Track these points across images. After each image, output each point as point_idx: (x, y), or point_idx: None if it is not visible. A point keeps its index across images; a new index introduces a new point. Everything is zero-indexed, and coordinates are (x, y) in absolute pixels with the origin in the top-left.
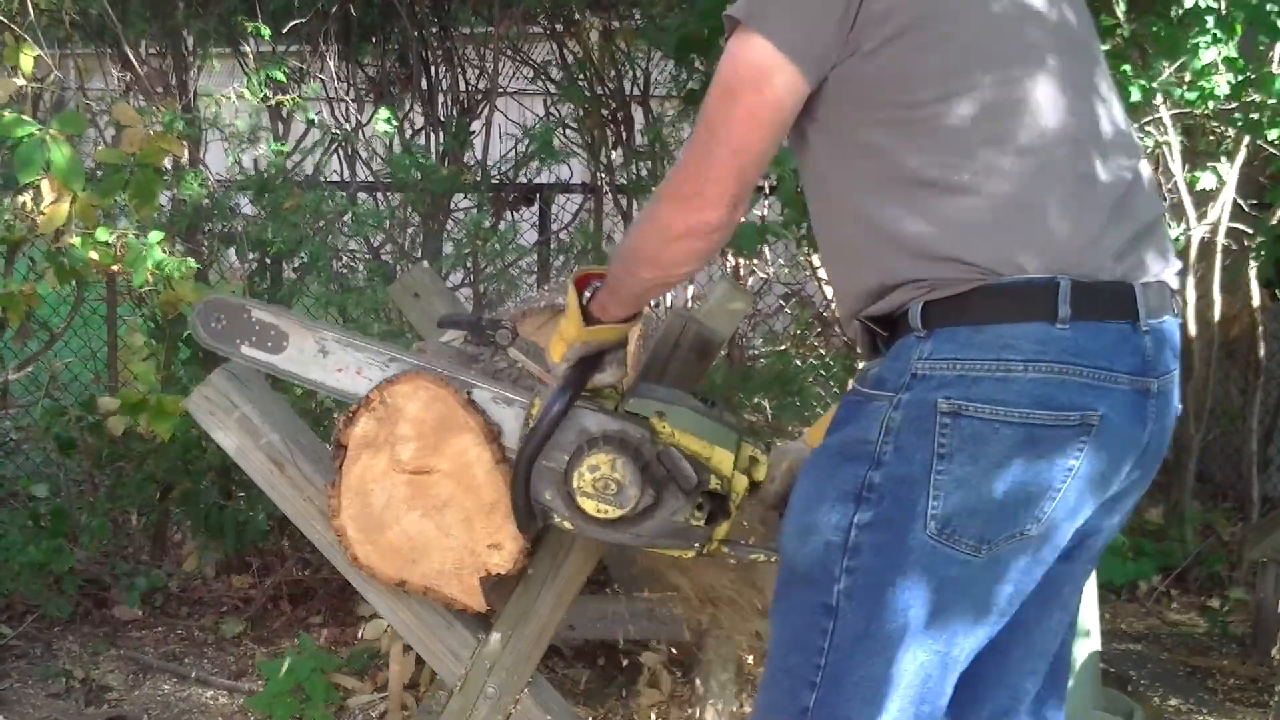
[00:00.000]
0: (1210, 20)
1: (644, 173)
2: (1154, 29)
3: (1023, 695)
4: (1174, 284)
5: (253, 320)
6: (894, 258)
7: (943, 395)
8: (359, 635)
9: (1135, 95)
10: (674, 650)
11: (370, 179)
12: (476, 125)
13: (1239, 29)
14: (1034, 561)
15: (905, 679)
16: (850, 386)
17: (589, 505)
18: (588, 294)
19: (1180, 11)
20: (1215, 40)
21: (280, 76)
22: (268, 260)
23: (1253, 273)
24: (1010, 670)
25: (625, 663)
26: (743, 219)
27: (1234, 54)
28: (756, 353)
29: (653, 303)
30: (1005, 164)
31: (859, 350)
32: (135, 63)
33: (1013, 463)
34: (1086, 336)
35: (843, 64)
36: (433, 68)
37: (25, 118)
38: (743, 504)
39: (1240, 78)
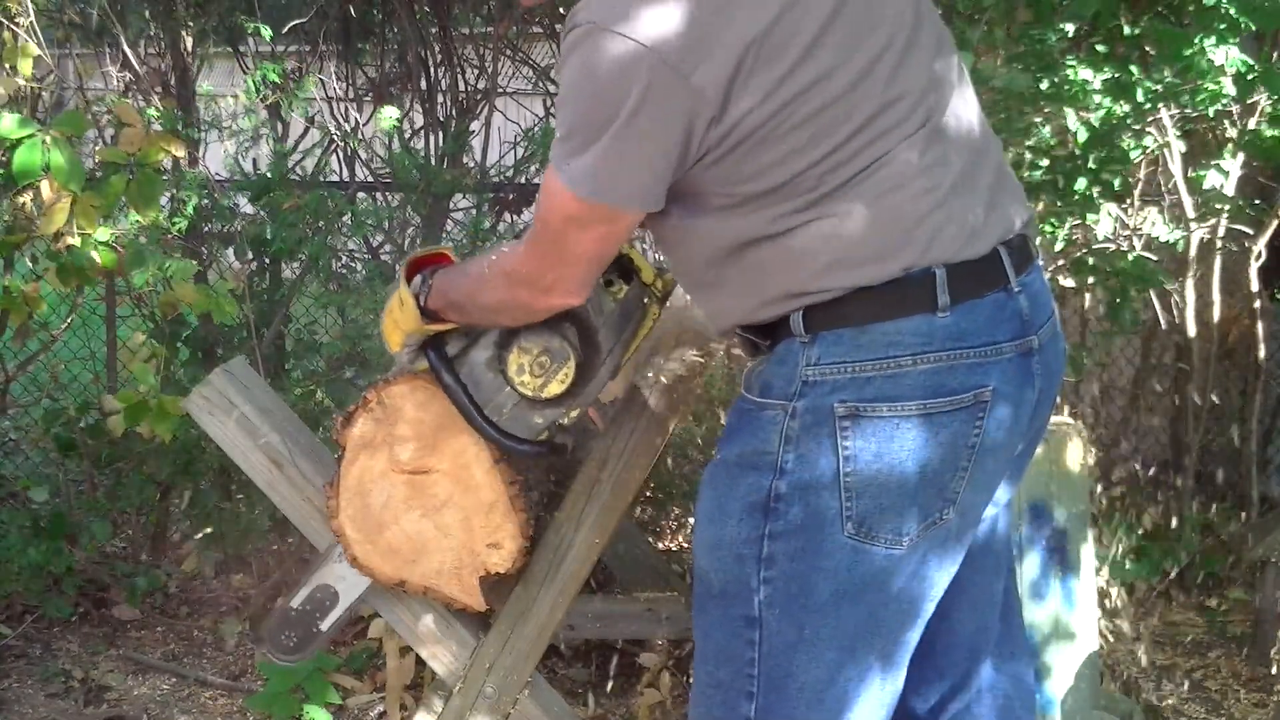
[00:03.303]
0: (1223, 24)
1: None
2: (1158, 31)
3: (979, 654)
4: (1031, 230)
5: (303, 608)
6: (765, 295)
7: (837, 399)
8: (366, 633)
9: (1140, 96)
10: (674, 650)
11: (370, 179)
12: (475, 125)
13: (1250, 25)
14: (957, 542)
15: (853, 680)
16: (740, 393)
17: (554, 388)
18: (420, 284)
19: (1193, 7)
20: (1223, 40)
21: (275, 77)
22: (266, 260)
23: (1253, 273)
24: (960, 634)
25: (625, 663)
26: None
27: (1242, 55)
28: None
29: None
30: (862, 191)
31: (740, 352)
32: (135, 63)
33: (917, 453)
34: (967, 318)
35: (688, 170)
36: (432, 68)
37: (25, 118)
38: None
39: (1249, 76)
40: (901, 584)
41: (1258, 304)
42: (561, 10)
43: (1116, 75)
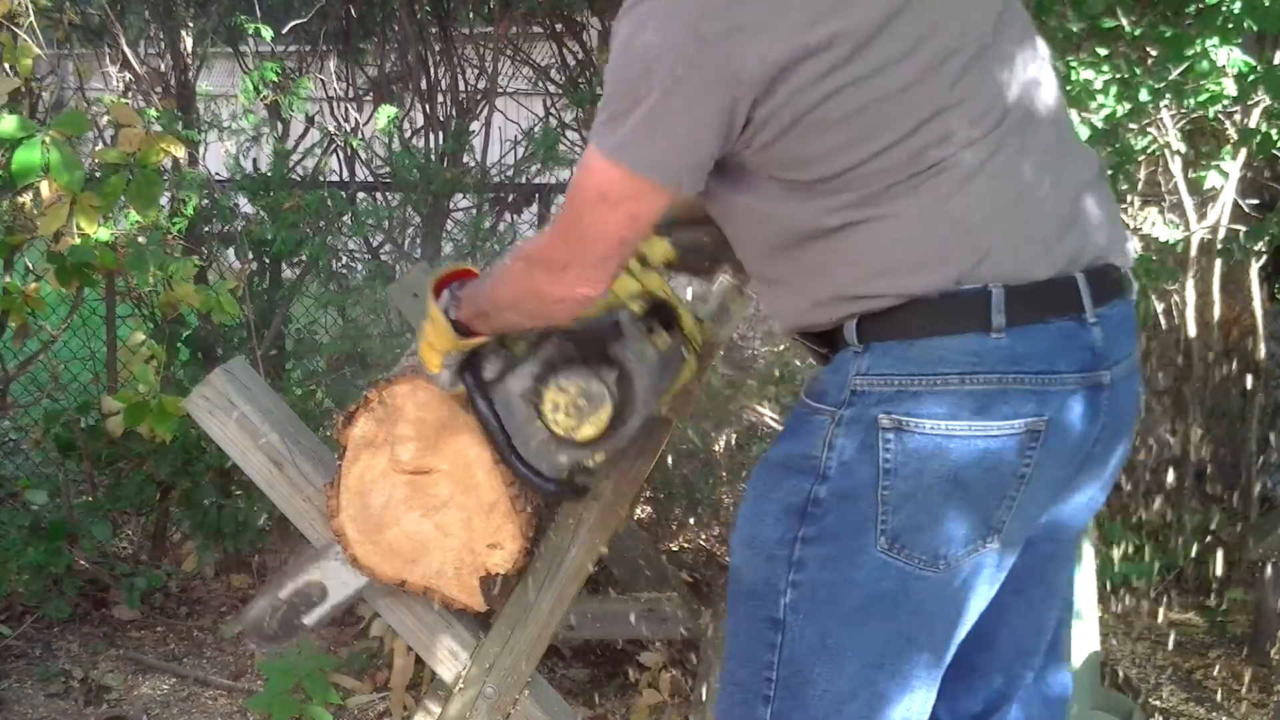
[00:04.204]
0: (1228, 25)
1: None
2: (1159, 31)
3: (1018, 680)
4: (1124, 260)
5: (290, 599)
6: (818, 295)
7: (883, 410)
8: (370, 632)
9: (1145, 96)
10: (674, 650)
11: (370, 179)
12: (475, 125)
13: (1253, 26)
14: (997, 569)
15: (877, 696)
16: (800, 396)
17: (588, 431)
18: (448, 299)
19: (1194, 8)
20: (1226, 41)
21: (273, 76)
22: (267, 260)
23: (1253, 273)
24: (1001, 658)
25: (625, 663)
26: None
27: (1244, 56)
28: (756, 353)
29: None
30: (920, 193)
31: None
32: (134, 63)
33: (959, 477)
34: (1025, 342)
35: (737, 155)
36: (432, 67)
37: (25, 118)
38: (672, 291)
39: (1250, 78)
40: (934, 607)
41: (1258, 304)
42: (562, 11)
43: (1120, 75)
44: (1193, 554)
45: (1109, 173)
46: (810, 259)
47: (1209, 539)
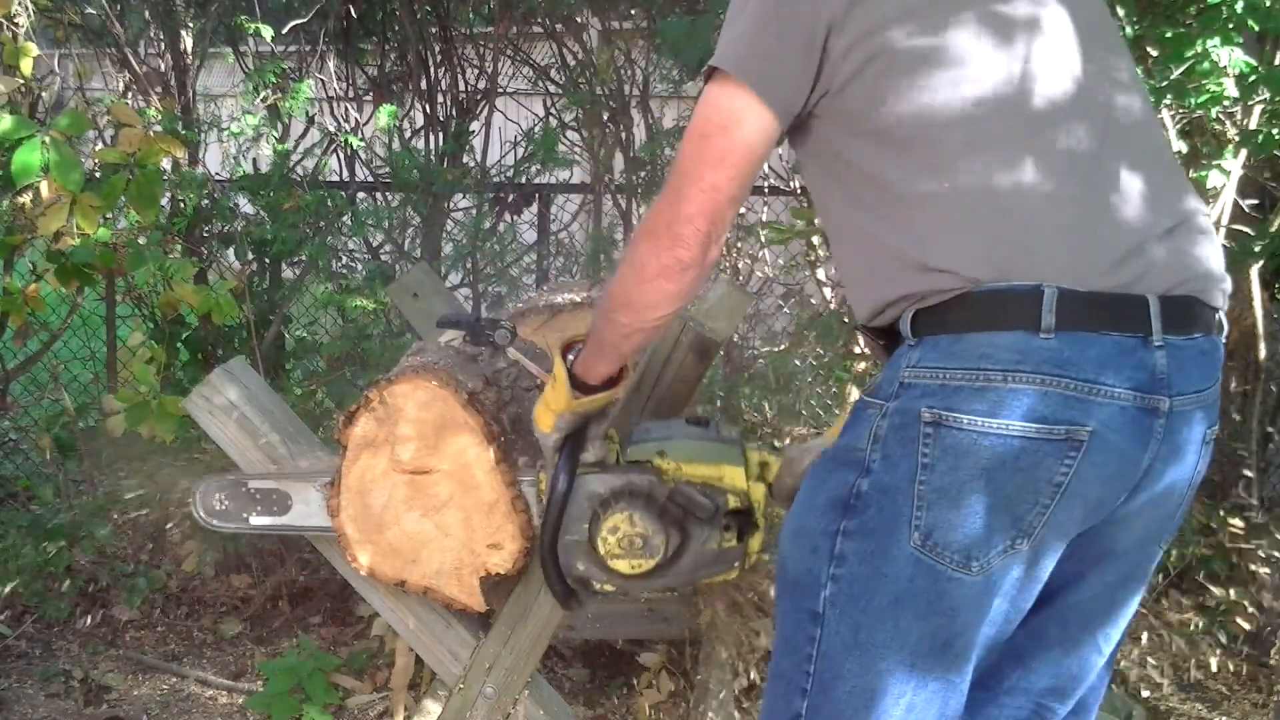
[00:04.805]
0: (1230, 25)
1: (643, 174)
2: (1159, 31)
3: (1047, 711)
4: (1215, 300)
5: (253, 491)
6: (885, 272)
7: (925, 404)
8: (370, 632)
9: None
10: (674, 650)
11: (370, 179)
12: (475, 125)
13: (1255, 25)
14: (1028, 577)
15: (906, 695)
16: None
17: (622, 566)
18: (571, 357)
19: (1195, 9)
20: (1227, 41)
21: (273, 79)
22: (267, 260)
23: (1253, 273)
24: (1034, 683)
25: (625, 663)
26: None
27: (1245, 56)
28: (755, 353)
29: None
30: (988, 170)
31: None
32: (134, 63)
33: (995, 476)
34: (1073, 348)
35: (818, 103)
36: (432, 67)
37: (24, 119)
38: (767, 511)
39: (1251, 78)
40: (965, 610)
41: (1258, 304)
42: (562, 11)
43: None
44: (1193, 554)
45: None
46: (876, 227)
47: (1209, 539)
